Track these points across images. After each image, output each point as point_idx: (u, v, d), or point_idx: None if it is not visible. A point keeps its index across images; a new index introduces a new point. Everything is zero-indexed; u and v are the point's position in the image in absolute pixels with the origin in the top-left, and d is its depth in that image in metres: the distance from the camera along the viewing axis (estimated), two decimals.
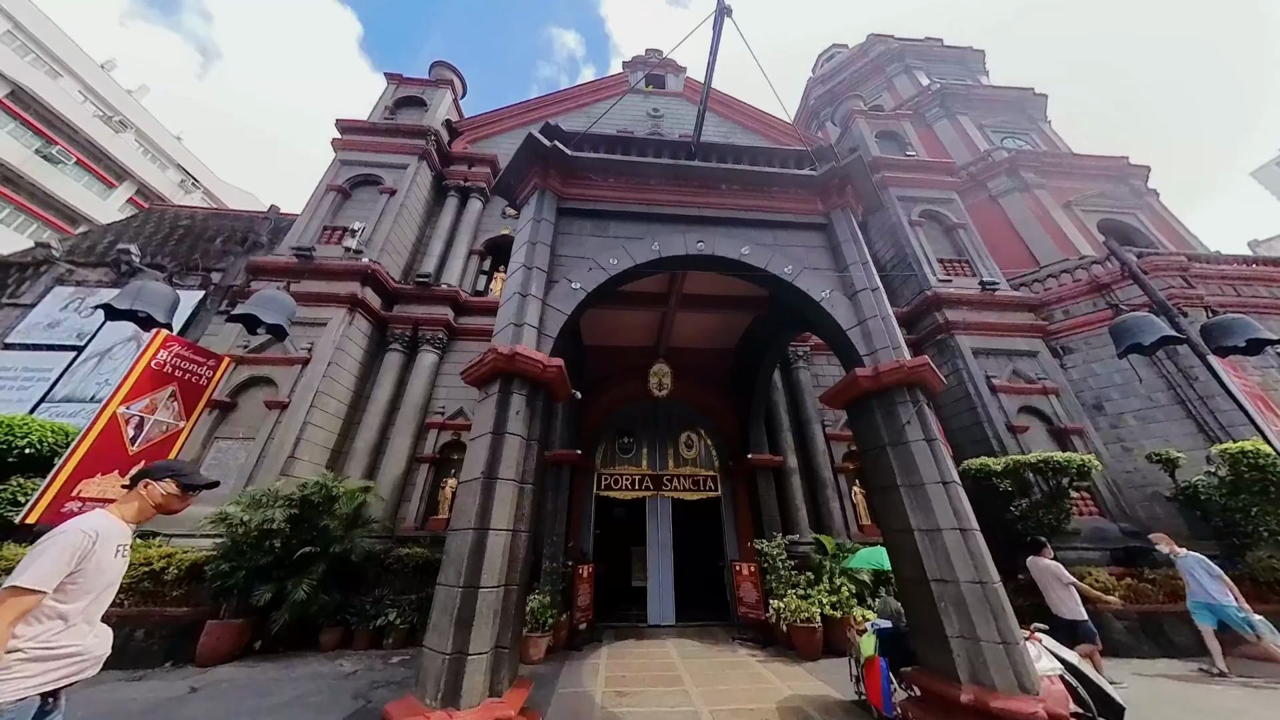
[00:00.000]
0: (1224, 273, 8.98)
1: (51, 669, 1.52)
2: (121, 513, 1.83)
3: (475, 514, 3.00)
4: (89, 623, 1.64)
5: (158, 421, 5.25)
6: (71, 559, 1.57)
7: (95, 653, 1.64)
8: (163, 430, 5.35)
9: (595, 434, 8.88)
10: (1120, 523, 7.29)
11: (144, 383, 5.14)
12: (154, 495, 1.88)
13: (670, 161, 4.98)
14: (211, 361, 6.18)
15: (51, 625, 1.54)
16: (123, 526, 1.80)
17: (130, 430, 4.96)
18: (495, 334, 4.04)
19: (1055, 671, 3.32)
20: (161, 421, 5.31)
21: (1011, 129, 14.71)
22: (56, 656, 1.53)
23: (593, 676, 4.85)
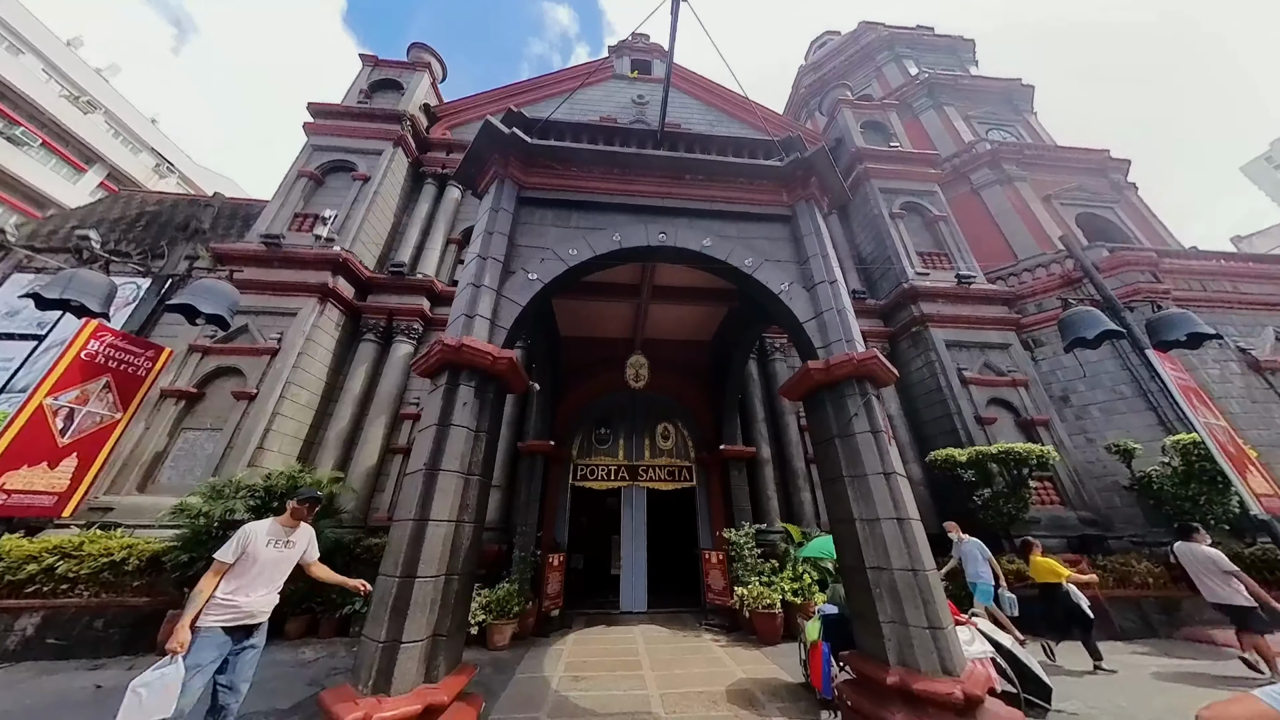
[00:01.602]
0: (1192, 268, 9.11)
1: (226, 613, 2.51)
2: (281, 518, 2.88)
3: (416, 504, 3.01)
4: (250, 590, 2.60)
5: (90, 413, 5.17)
6: (238, 545, 2.64)
7: (249, 609, 2.56)
8: (96, 422, 5.27)
9: (572, 425, 8.91)
10: (1080, 511, 7.50)
11: (73, 373, 5.04)
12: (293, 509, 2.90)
13: (632, 151, 4.91)
14: (150, 353, 6.07)
15: (226, 585, 2.57)
16: (277, 526, 2.81)
17: (59, 422, 4.88)
18: (448, 325, 4.01)
19: (986, 654, 3.45)
20: (95, 413, 5.23)
21: (998, 120, 14.67)
22: (227, 607, 2.52)
23: (554, 662, 4.95)
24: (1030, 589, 5.47)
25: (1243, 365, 8.02)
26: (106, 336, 5.56)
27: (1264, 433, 7.27)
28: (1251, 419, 7.39)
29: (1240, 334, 8.42)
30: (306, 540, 2.94)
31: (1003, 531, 6.93)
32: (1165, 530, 6.84)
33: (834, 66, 18.68)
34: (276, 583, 2.71)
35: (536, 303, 4.34)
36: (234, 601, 2.52)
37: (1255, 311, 8.81)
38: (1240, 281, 9.13)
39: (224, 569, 2.58)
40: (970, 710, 2.70)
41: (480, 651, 5.24)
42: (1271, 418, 7.54)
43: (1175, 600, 6.23)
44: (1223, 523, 6.22)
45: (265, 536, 2.71)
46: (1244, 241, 33.85)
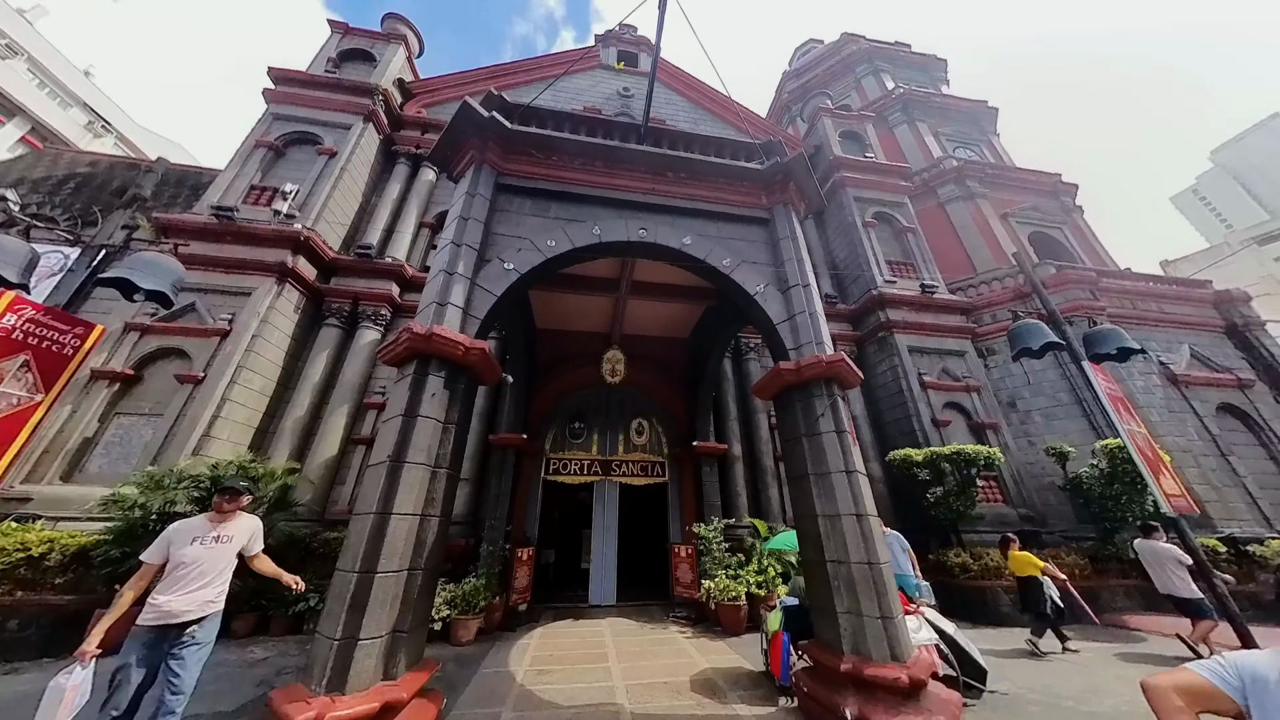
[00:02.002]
0: (1125, 288, 9.96)
1: (149, 613, 2.41)
2: (210, 513, 2.78)
3: (378, 498, 2.91)
4: (173, 589, 2.47)
5: (4, 394, 4.68)
6: (161, 546, 2.57)
7: (168, 608, 2.43)
8: (12, 404, 4.78)
9: (546, 418, 8.80)
10: (1020, 509, 8.10)
11: None
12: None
13: (616, 144, 4.87)
14: (79, 330, 5.55)
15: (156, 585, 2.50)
16: (206, 522, 2.71)
17: None
18: (418, 313, 3.87)
19: (931, 641, 3.69)
20: (10, 394, 4.75)
21: (964, 139, 15.44)
22: (150, 606, 2.43)
23: (520, 656, 4.91)
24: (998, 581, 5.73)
25: (1163, 378, 8.86)
26: (26, 310, 5.02)
27: (1178, 439, 8.07)
28: (1168, 426, 8.19)
29: (1162, 350, 9.29)
30: (246, 534, 2.80)
31: (951, 527, 7.40)
32: (1091, 526, 7.50)
33: (816, 75, 19.10)
34: (210, 580, 2.57)
35: (513, 293, 4.25)
36: (155, 601, 2.44)
37: (1176, 330, 9.73)
38: (1165, 302, 10.05)
39: (151, 571, 2.51)
40: (915, 693, 2.89)
41: (444, 647, 5.14)
42: (1185, 426, 8.37)
43: (1097, 590, 6.86)
44: (1139, 519, 6.88)
45: (191, 534, 2.62)
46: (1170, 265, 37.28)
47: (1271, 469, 8.39)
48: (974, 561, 6.83)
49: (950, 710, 2.89)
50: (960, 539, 7.35)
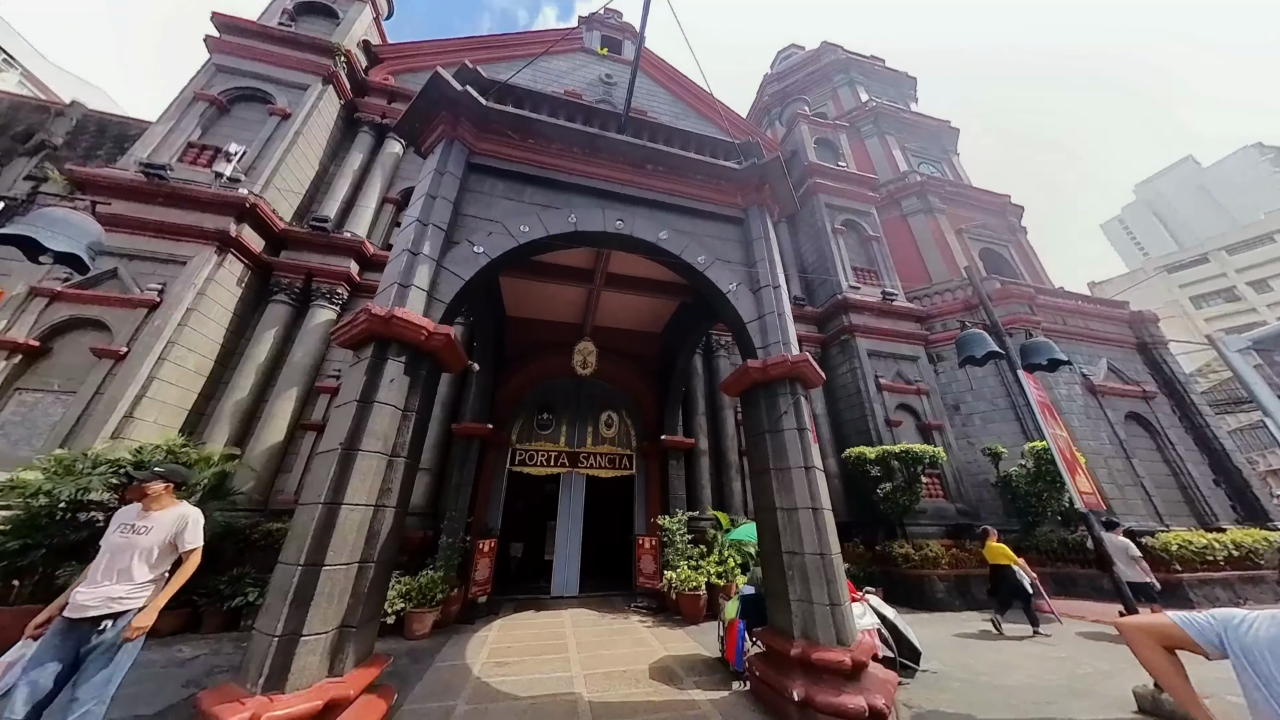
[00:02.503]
0: (1058, 304, 10.91)
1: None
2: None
3: (328, 487, 2.75)
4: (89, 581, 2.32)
5: None
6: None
7: (77, 600, 2.25)
8: None
9: (513, 408, 8.62)
10: (958, 504, 8.78)
11: None
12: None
13: (595, 131, 4.77)
14: None
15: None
16: (136, 509, 2.55)
17: None
18: (378, 293, 3.66)
19: (873, 626, 3.95)
20: None
21: (928, 155, 16.28)
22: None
23: (478, 648, 4.84)
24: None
25: (1083, 388, 9.81)
26: None
27: (1092, 443, 8.99)
28: (1085, 431, 9.10)
29: (1084, 362, 10.28)
30: (170, 526, 2.51)
31: (897, 520, 7.92)
32: (1017, 520, 8.24)
33: (795, 80, 19.48)
34: (120, 574, 2.34)
35: (482, 278, 4.10)
36: (72, 592, 2.29)
37: (1097, 345, 10.79)
38: (1089, 319, 11.10)
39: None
40: (856, 674, 3.09)
41: (397, 641, 4.97)
42: (1098, 431, 9.33)
43: None
44: (1056, 514, 7.64)
45: (119, 521, 2.50)
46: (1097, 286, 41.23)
47: (1165, 471, 9.53)
48: (915, 552, 7.35)
49: (886, 689, 3.11)
50: (905, 531, 7.88)
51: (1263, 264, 35.93)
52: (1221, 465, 9.78)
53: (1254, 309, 34.96)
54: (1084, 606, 6.72)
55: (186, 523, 2.58)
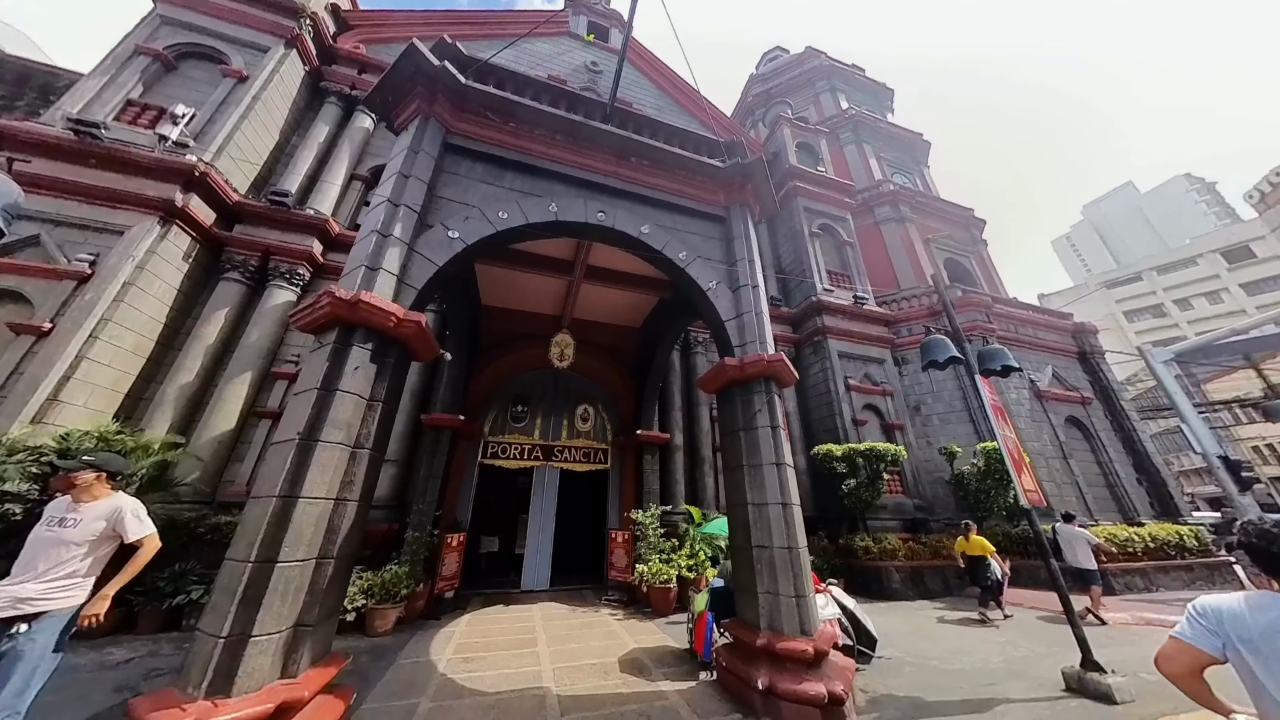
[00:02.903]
0: (1012, 314, 11.64)
1: None
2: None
3: (284, 479, 2.59)
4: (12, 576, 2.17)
5: None
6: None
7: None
8: None
9: (486, 400, 8.41)
10: (915, 500, 9.28)
11: None
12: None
13: (579, 119, 4.66)
14: None
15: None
16: (67, 502, 2.35)
17: None
18: (343, 275, 3.46)
19: (835, 616, 4.12)
20: None
21: (901, 166, 16.90)
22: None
23: (444, 644, 4.73)
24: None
25: (1030, 393, 10.54)
26: None
27: (1036, 444, 9.69)
28: (1030, 433, 9.79)
29: (1032, 368, 11.03)
30: (103, 517, 2.33)
31: (859, 514, 8.29)
32: (968, 515, 8.79)
33: (779, 83, 19.74)
34: (38, 572, 2.16)
35: (456, 265, 3.95)
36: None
37: (1044, 353, 11.60)
38: (1038, 329, 11.91)
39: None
40: (818, 662, 3.22)
41: (358, 639, 4.79)
42: (1041, 433, 10.06)
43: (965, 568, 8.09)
44: (1002, 509, 8.20)
45: (48, 515, 2.32)
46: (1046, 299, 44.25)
47: (1096, 470, 10.40)
48: (875, 545, 7.73)
49: (845, 676, 3.26)
50: (866, 525, 8.26)
51: (1186, 284, 39.59)
52: (1143, 466, 10.76)
53: (1177, 325, 38.55)
54: (1024, 595, 7.27)
55: (123, 513, 2.39)
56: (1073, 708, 3.32)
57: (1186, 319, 38.63)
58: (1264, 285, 35.60)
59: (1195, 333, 34.52)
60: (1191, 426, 9.80)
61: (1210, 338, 10.30)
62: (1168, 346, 7.64)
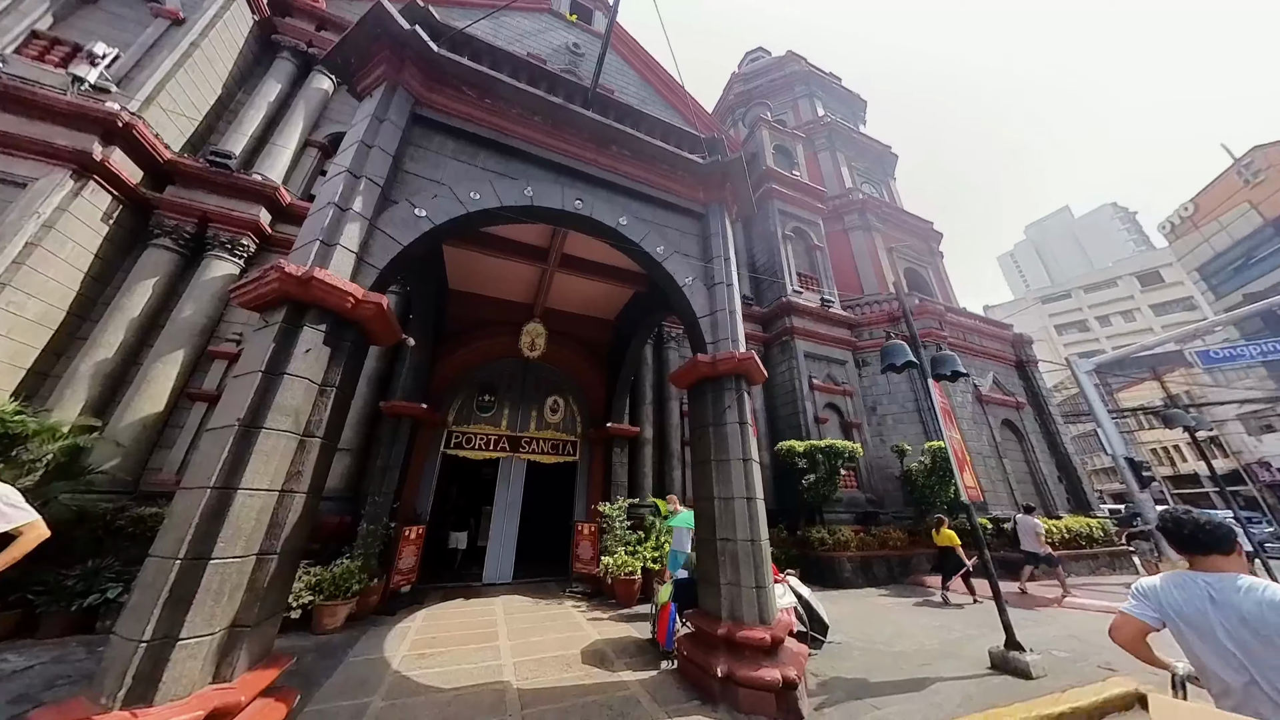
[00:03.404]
0: (961, 323, 12.48)
1: None
2: None
3: (220, 469, 2.36)
4: None
5: None
6: None
7: None
8: None
9: (452, 388, 8.11)
10: (868, 494, 9.83)
11: None
12: None
13: (560, 102, 4.50)
14: None
15: None
16: None
17: None
18: (294, 249, 3.18)
19: (791, 604, 4.31)
20: None
21: (870, 176, 17.60)
22: None
23: (398, 641, 4.55)
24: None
25: (973, 397, 11.39)
26: None
27: (976, 444, 10.49)
28: (972, 434, 10.59)
29: (976, 374, 11.91)
30: None
31: (817, 508, 8.70)
32: (912, 509, 9.43)
33: (760, 84, 19.96)
34: None
35: (423, 245, 3.73)
36: None
37: (986, 360, 12.54)
38: (983, 338, 12.85)
39: None
40: (774, 650, 3.35)
41: (304, 637, 4.52)
42: (981, 434, 10.91)
43: (909, 557, 8.71)
44: (944, 503, 8.84)
45: None
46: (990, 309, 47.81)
47: (1025, 469, 11.42)
48: (830, 536, 8.14)
49: (798, 661, 3.42)
50: (823, 518, 8.68)
51: (1107, 303, 43.98)
52: (1064, 465, 11.93)
53: (1098, 339, 42.80)
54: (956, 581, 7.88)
55: (5, 503, 2.11)
56: (995, 684, 3.65)
57: (1106, 334, 42.93)
58: (1170, 307, 40.12)
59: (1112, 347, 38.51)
60: (1105, 430, 10.90)
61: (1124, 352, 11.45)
62: (1090, 358, 8.46)
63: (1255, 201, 23.73)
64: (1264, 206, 23.34)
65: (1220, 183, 26.16)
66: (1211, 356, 18.01)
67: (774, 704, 3.06)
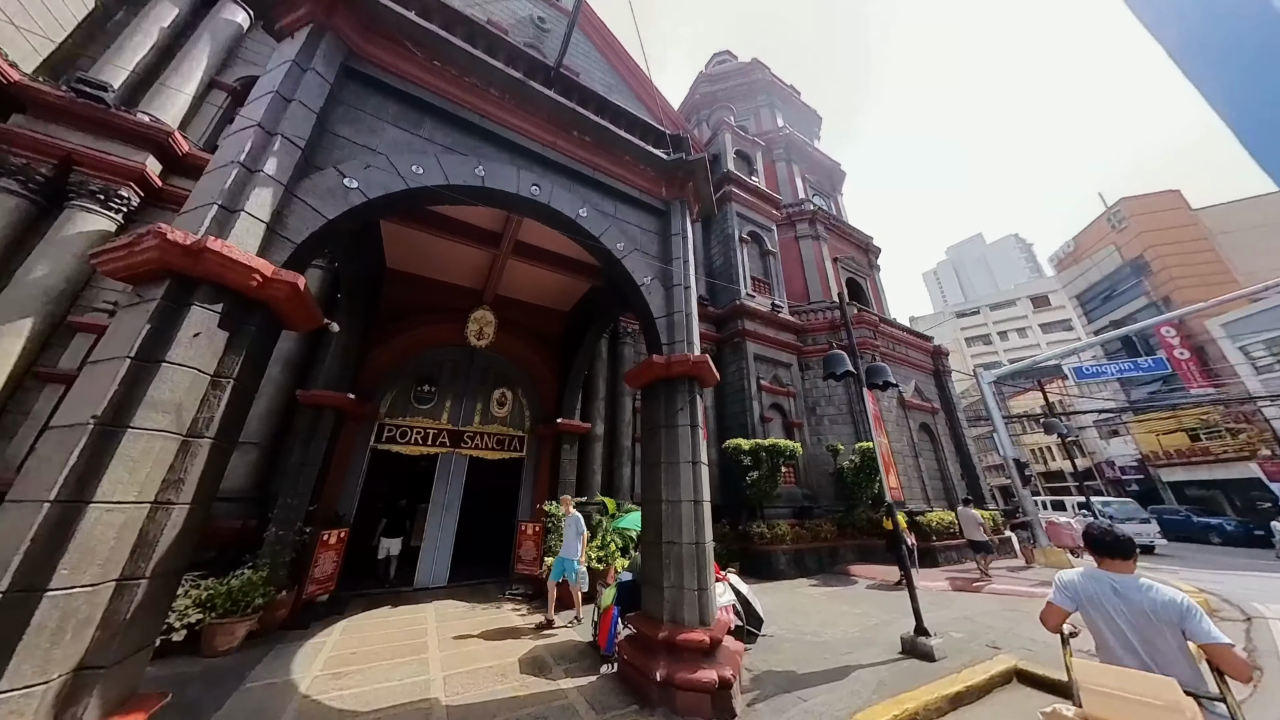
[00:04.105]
0: (893, 334, 13.64)
1: None
2: None
3: (65, 479, 1.91)
4: None
5: None
6: None
7: None
8: None
9: (386, 377, 7.43)
10: (805, 490, 10.48)
11: None
12: None
13: (520, 77, 4.18)
14: None
15: None
16: None
17: None
18: (184, 211, 2.66)
19: (730, 602, 4.44)
20: None
21: (821, 189, 18.61)
22: None
23: (310, 659, 4.10)
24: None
25: (898, 403, 12.52)
26: None
27: (899, 445, 11.56)
28: (895, 436, 11.65)
29: (901, 382, 13.10)
30: None
31: (758, 504, 9.11)
32: (842, 504, 10.20)
33: (725, 87, 20.28)
34: None
35: (354, 220, 3.30)
36: None
37: (910, 368, 13.83)
38: (909, 348, 14.15)
39: None
40: (713, 650, 3.43)
41: (190, 662, 3.92)
42: (903, 437, 12.03)
43: (838, 548, 9.42)
44: (869, 498, 9.66)
45: None
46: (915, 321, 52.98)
47: (935, 468, 12.81)
48: (769, 531, 8.57)
49: (734, 660, 3.53)
50: (763, 514, 9.12)
51: (1007, 321, 50.56)
52: (967, 463, 13.53)
53: (998, 352, 49.12)
54: (877, 570, 8.67)
55: None
56: (905, 668, 4.03)
57: (1004, 348, 49.32)
58: (1054, 327, 46.90)
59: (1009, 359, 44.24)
60: (1000, 434, 12.46)
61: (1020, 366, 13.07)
62: (992, 370, 9.64)
63: (1119, 244, 28.34)
64: (1125, 249, 27.95)
65: (1095, 226, 30.93)
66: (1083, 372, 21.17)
67: (709, 705, 3.12)
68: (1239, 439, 20.27)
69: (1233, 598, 6.86)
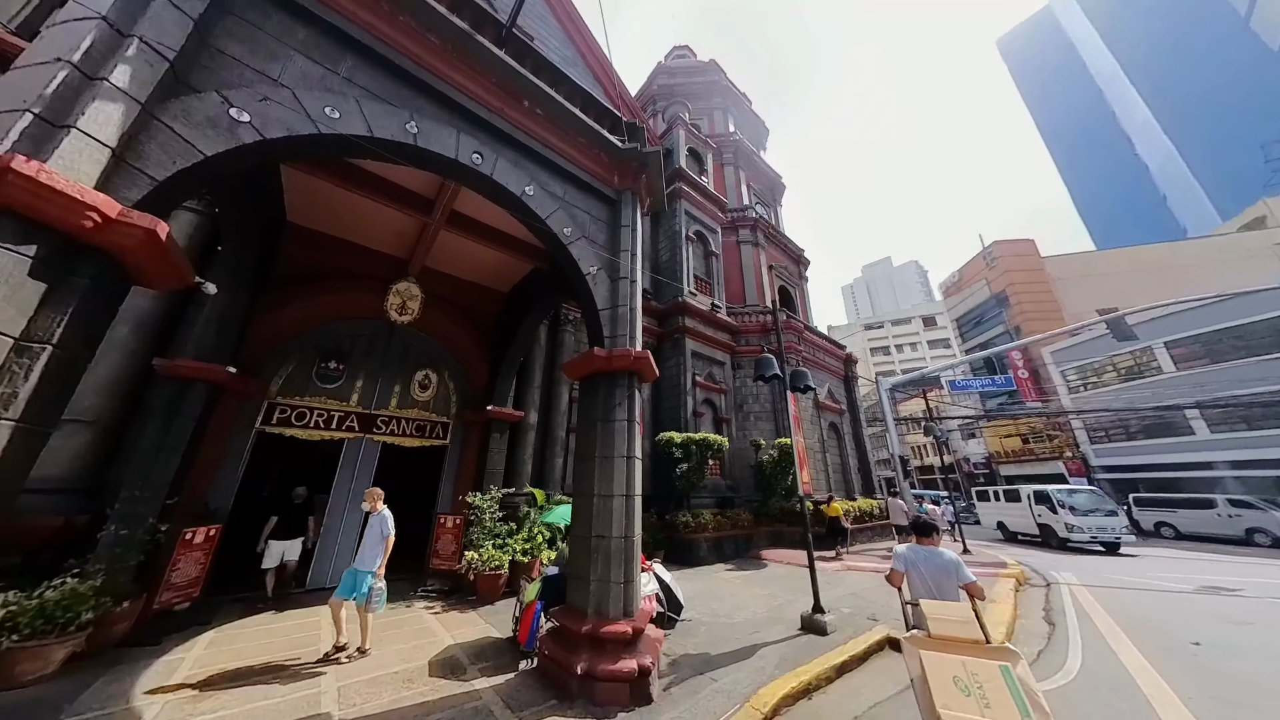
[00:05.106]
0: (814, 340, 14.97)
1: None
2: None
3: None
4: None
5: None
6: None
7: None
8: None
9: (281, 349, 6.40)
10: (728, 481, 11.16)
11: None
12: None
13: (464, 27, 3.75)
14: None
15: None
16: None
17: None
18: None
19: (654, 591, 4.58)
20: None
21: (763, 198, 19.66)
22: None
23: (160, 677, 3.45)
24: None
25: (813, 403, 13.83)
26: None
27: (811, 441, 12.81)
28: (809, 434, 12.88)
29: (818, 385, 14.49)
30: None
31: (685, 494, 9.52)
32: (760, 494, 11.05)
33: (682, 83, 20.40)
34: None
35: (242, 161, 2.73)
36: None
37: (825, 373, 15.34)
38: (826, 355, 15.66)
39: None
40: (635, 640, 3.51)
41: None
42: (815, 435, 13.35)
43: (751, 536, 10.21)
44: (783, 490, 10.58)
45: None
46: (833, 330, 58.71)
47: (839, 462, 14.44)
48: (693, 520, 9.01)
49: (654, 648, 3.65)
50: (689, 504, 9.55)
51: (903, 335, 58.46)
52: (863, 459, 15.43)
53: (894, 363, 56.63)
54: (786, 554, 9.57)
55: None
56: (803, 643, 4.49)
57: (900, 359, 56.95)
58: (938, 344, 55.13)
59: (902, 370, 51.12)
60: (891, 435, 14.32)
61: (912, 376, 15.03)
62: (889, 378, 11.07)
63: (989, 279, 33.95)
64: (993, 284, 33.57)
65: (974, 261, 36.65)
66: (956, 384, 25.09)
67: (627, 693, 3.20)
68: (1053, 443, 25.80)
69: (1039, 569, 8.77)
